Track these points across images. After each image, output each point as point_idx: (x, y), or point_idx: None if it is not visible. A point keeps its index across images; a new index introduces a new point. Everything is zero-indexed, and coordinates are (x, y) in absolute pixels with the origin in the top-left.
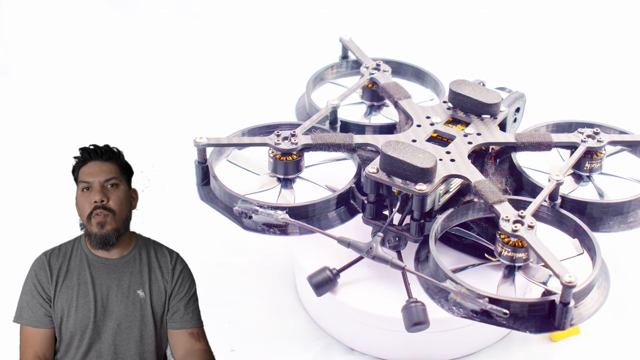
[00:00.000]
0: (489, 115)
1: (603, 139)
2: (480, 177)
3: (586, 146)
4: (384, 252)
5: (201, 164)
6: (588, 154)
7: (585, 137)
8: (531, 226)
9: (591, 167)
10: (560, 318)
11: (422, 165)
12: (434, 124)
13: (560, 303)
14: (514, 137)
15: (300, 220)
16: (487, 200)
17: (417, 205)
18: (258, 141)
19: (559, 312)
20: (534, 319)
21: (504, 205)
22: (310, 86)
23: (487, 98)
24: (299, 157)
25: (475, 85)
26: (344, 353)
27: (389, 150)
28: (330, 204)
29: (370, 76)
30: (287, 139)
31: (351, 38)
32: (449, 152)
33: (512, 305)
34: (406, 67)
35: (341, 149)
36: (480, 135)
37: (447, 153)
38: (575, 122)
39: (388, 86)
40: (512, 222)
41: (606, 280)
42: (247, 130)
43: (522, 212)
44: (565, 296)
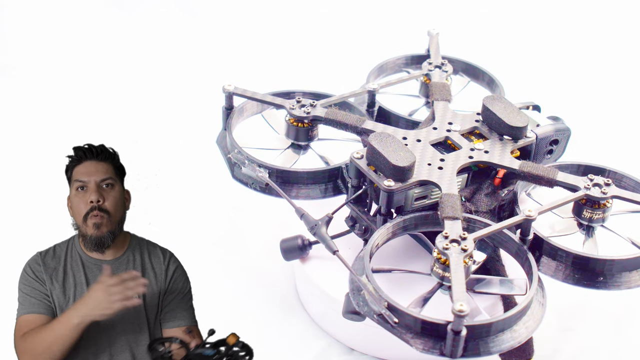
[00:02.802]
0: (510, 137)
1: (607, 192)
2: (453, 192)
3: (585, 193)
4: (324, 233)
5: (227, 110)
6: (590, 202)
7: (591, 184)
8: (465, 249)
9: (590, 216)
10: (450, 345)
11: (395, 163)
12: (450, 130)
13: (451, 330)
14: (518, 164)
15: (283, 185)
16: (442, 213)
17: (383, 200)
18: (277, 102)
19: (449, 340)
20: (428, 337)
21: (454, 223)
22: (371, 76)
23: (512, 120)
24: (311, 126)
25: (508, 105)
26: (344, 353)
27: (374, 141)
28: (315, 176)
29: (428, 72)
30: (304, 107)
31: (438, 33)
32: (443, 159)
33: (407, 317)
34: (476, 69)
35: (348, 129)
36: (487, 154)
37: (440, 160)
38: (601, 167)
39: (435, 85)
40: (448, 240)
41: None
42: (279, 92)
43: (465, 234)
44: (456, 324)
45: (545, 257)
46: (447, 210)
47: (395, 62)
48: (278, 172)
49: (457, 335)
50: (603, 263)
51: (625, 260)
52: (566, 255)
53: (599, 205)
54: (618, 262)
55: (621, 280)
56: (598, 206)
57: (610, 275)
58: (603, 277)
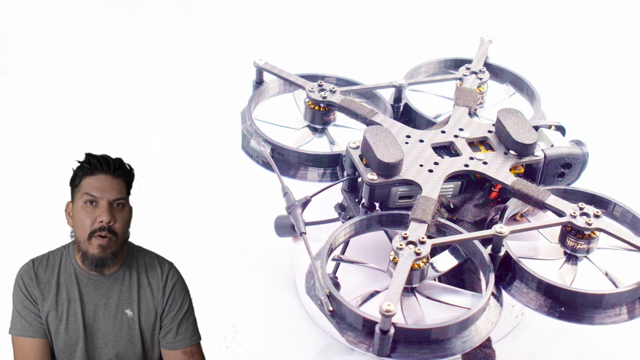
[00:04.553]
0: (515, 152)
1: (592, 223)
2: (431, 196)
3: (568, 221)
4: (298, 214)
5: (257, 84)
6: (574, 231)
7: (579, 212)
8: (418, 253)
9: (573, 246)
10: (378, 343)
11: (380, 157)
12: (457, 136)
13: (379, 329)
14: (512, 180)
15: (284, 163)
16: (411, 214)
17: (365, 192)
18: (300, 82)
19: (377, 337)
20: (360, 331)
21: (419, 226)
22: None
23: (519, 135)
24: (327, 110)
25: (522, 120)
26: (344, 353)
27: (368, 134)
28: (315, 159)
29: (463, 76)
30: (323, 91)
31: (490, 41)
32: (437, 163)
33: (344, 308)
34: (507, 73)
35: (358, 119)
36: (485, 165)
37: (434, 164)
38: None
39: (462, 90)
40: (405, 241)
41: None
42: (307, 74)
43: (423, 238)
44: (383, 323)
45: (517, 281)
46: (417, 212)
47: (438, 63)
48: (280, 150)
49: (384, 335)
50: (566, 293)
51: (589, 294)
52: (531, 278)
53: (583, 235)
54: (581, 295)
55: (583, 315)
56: (582, 236)
57: (572, 307)
58: (565, 307)
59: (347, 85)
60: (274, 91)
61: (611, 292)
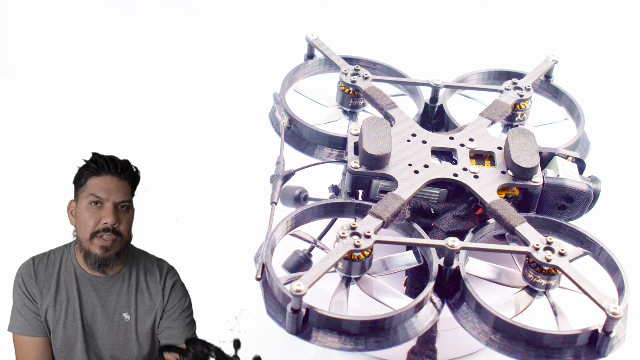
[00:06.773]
0: (512, 174)
1: (551, 260)
2: (402, 196)
3: (528, 252)
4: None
5: (308, 58)
6: (534, 264)
7: (543, 247)
8: (357, 245)
9: (533, 279)
10: (289, 320)
11: (366, 148)
12: (464, 145)
13: (290, 308)
14: (492, 200)
15: (298, 138)
16: (372, 208)
17: (348, 178)
18: (339, 63)
19: (288, 315)
20: (279, 306)
21: (373, 220)
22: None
23: (519, 158)
24: (356, 95)
25: (530, 144)
26: (344, 353)
27: (365, 124)
28: (324, 139)
29: (505, 90)
30: (356, 76)
31: (556, 62)
32: (427, 166)
33: (272, 279)
34: (565, 99)
35: (377, 108)
36: (475, 179)
37: (425, 166)
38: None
39: (495, 103)
40: (350, 233)
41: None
42: (349, 57)
43: (369, 233)
44: (294, 302)
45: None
46: (378, 208)
47: (490, 73)
48: (296, 124)
49: (294, 313)
50: (493, 318)
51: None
52: (470, 298)
53: (542, 270)
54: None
55: (504, 345)
56: (541, 270)
57: (498, 334)
58: (494, 333)
59: (396, 76)
60: (320, 69)
61: (546, 332)
